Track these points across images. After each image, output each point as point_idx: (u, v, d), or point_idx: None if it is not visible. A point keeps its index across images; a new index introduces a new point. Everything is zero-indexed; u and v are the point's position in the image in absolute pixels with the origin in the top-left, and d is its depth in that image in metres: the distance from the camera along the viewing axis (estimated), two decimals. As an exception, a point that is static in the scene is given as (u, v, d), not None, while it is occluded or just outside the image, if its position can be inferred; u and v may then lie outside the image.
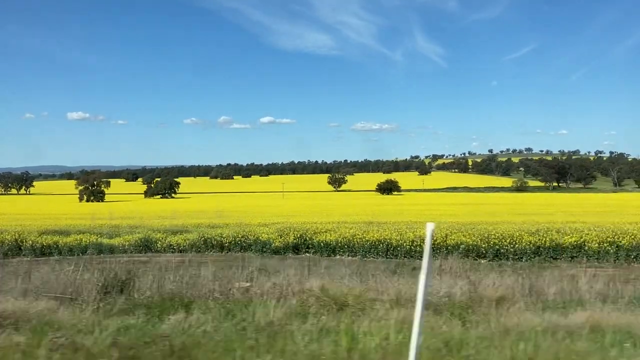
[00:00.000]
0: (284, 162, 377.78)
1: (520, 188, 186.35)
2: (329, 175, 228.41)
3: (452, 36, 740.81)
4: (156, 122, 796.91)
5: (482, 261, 22.97)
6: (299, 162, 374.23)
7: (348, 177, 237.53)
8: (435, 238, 24.48)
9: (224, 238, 28.42)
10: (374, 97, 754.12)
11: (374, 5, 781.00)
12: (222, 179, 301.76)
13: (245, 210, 67.15)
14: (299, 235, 27.05)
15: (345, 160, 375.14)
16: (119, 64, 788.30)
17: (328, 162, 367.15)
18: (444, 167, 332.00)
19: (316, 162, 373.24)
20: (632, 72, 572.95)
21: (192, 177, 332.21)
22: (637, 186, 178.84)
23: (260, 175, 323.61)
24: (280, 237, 26.90)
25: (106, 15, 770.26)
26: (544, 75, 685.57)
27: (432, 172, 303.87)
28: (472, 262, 22.37)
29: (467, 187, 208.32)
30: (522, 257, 22.51)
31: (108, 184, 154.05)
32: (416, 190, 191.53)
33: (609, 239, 22.11)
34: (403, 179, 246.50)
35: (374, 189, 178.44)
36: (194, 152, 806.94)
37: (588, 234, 22.74)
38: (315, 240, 26.21)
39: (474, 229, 25.66)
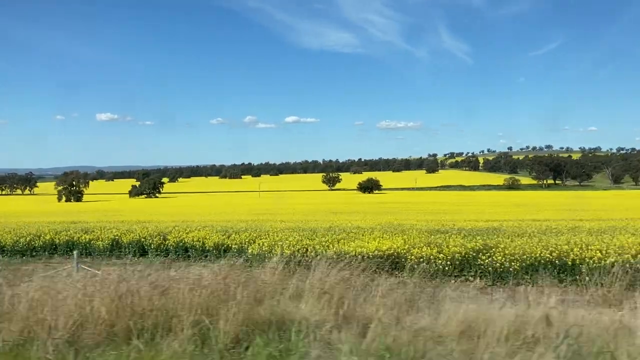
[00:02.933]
0: (296, 161, 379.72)
1: (512, 186, 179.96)
2: (322, 174, 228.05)
3: (478, 32, 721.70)
4: (182, 122, 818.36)
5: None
6: (312, 161, 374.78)
7: (348, 176, 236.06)
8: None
9: None
10: (398, 95, 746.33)
11: (398, 3, 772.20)
12: (230, 178, 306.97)
13: (142, 210, 68.65)
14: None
15: (360, 159, 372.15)
16: (146, 65, 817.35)
17: (341, 161, 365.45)
18: (456, 165, 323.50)
19: (330, 160, 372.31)
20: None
21: (204, 177, 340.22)
22: (634, 184, 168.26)
23: (271, 175, 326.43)
24: None
25: (133, 18, 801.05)
26: (571, 71, 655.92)
27: (441, 171, 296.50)
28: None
29: (461, 185, 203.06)
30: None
31: (87, 184, 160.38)
32: (401, 189, 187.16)
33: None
34: (397, 177, 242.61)
35: (355, 188, 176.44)
36: (218, 151, 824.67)
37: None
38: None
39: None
